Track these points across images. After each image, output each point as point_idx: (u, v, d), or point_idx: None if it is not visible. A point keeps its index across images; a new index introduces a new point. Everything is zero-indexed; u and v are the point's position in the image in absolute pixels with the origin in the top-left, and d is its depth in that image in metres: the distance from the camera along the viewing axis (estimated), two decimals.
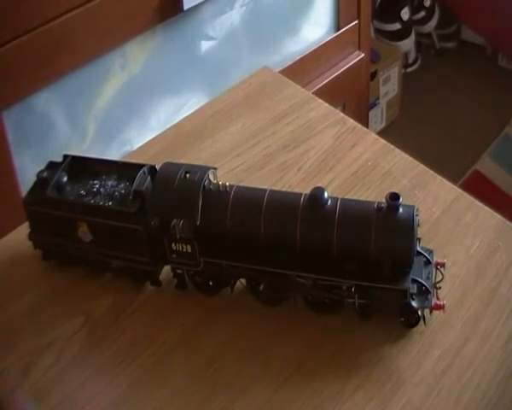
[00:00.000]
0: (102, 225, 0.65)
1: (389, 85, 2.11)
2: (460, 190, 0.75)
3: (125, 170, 0.68)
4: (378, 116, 2.12)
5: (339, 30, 1.63)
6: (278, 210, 0.61)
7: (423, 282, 0.60)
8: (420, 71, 2.34)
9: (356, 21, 1.66)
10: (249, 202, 0.62)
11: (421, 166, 0.77)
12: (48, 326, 0.65)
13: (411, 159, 0.78)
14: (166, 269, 0.67)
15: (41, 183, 0.67)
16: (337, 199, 0.60)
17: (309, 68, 1.58)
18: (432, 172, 0.77)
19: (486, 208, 0.72)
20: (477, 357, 0.60)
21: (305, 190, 0.62)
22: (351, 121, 0.84)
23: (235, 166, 0.79)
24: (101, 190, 0.67)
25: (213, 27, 1.34)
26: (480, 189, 1.87)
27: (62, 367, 0.62)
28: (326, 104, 0.87)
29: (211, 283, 0.66)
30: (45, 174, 0.67)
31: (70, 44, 1.11)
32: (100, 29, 1.14)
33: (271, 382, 0.60)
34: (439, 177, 0.76)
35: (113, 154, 1.25)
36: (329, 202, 0.60)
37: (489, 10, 2.17)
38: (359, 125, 0.83)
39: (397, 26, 2.19)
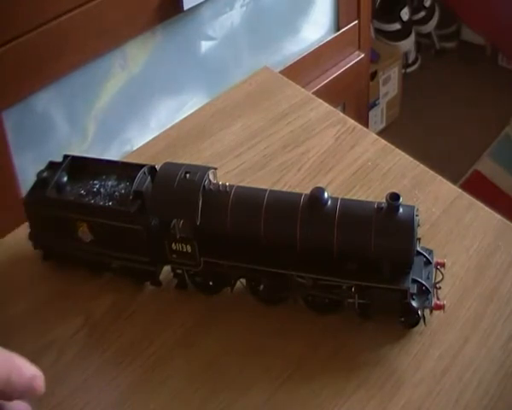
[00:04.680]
0: (102, 225, 0.65)
1: (389, 85, 2.11)
2: (460, 190, 0.75)
3: (124, 170, 0.68)
4: (378, 116, 2.13)
5: (339, 30, 1.63)
6: (278, 210, 0.61)
7: (423, 282, 0.60)
8: (420, 71, 2.34)
9: (356, 21, 1.66)
10: (249, 202, 0.62)
11: (421, 167, 0.77)
12: (48, 326, 0.65)
13: (411, 159, 0.78)
14: (166, 269, 0.67)
15: (41, 183, 0.67)
16: (337, 199, 0.60)
17: (309, 68, 1.58)
18: (432, 172, 0.77)
19: (486, 208, 0.72)
20: (477, 357, 0.60)
21: (305, 190, 0.62)
22: (351, 121, 0.84)
23: (235, 166, 0.79)
24: (102, 190, 0.67)
25: (213, 27, 1.34)
26: (480, 189, 1.87)
27: (62, 367, 0.62)
28: (326, 104, 0.87)
29: (211, 283, 0.66)
30: (45, 174, 0.67)
31: (70, 44, 1.11)
32: (100, 29, 1.14)
33: (271, 382, 0.60)
34: (439, 177, 0.76)
35: (113, 154, 1.25)
36: (329, 202, 0.60)
37: (489, 10, 2.17)
38: (359, 126, 0.83)
39: (397, 26, 2.19)
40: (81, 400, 0.60)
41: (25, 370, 0.47)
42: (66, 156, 0.69)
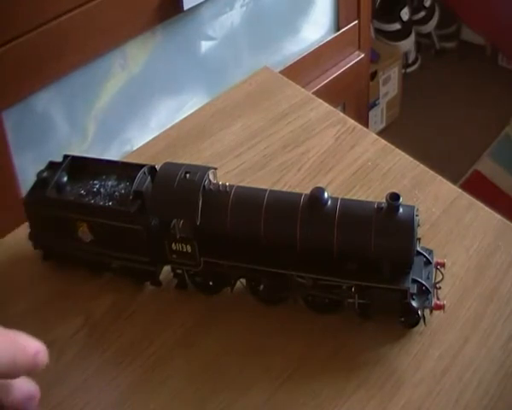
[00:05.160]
0: (102, 226, 0.65)
1: (389, 85, 2.11)
2: (460, 190, 0.75)
3: (124, 170, 0.68)
4: (378, 116, 2.13)
5: (339, 30, 1.63)
6: (278, 210, 0.61)
7: (423, 282, 0.60)
8: (420, 71, 2.35)
9: (356, 21, 1.66)
10: (249, 202, 0.62)
11: (421, 167, 0.77)
12: (48, 326, 0.65)
13: (411, 159, 0.78)
14: (166, 269, 0.67)
15: (41, 183, 0.67)
16: (337, 199, 0.60)
17: (309, 68, 1.58)
18: (432, 172, 0.77)
19: (486, 208, 0.72)
20: (477, 357, 0.60)
21: (305, 190, 0.62)
22: (351, 121, 0.84)
23: (235, 166, 0.79)
24: (102, 190, 0.67)
25: (213, 27, 1.34)
26: (480, 189, 1.87)
27: (62, 367, 0.62)
28: (326, 104, 0.87)
29: (211, 283, 0.66)
30: (45, 174, 0.67)
31: (70, 44, 1.11)
32: (100, 29, 1.14)
33: (271, 382, 0.60)
34: (439, 177, 0.76)
35: (113, 154, 1.25)
36: (329, 202, 0.60)
37: (489, 10, 2.17)
38: (359, 126, 0.83)
39: (397, 26, 2.19)
40: (81, 400, 0.60)
41: (28, 349, 0.48)
42: (66, 156, 0.69)
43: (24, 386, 0.50)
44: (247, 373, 0.61)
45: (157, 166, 0.65)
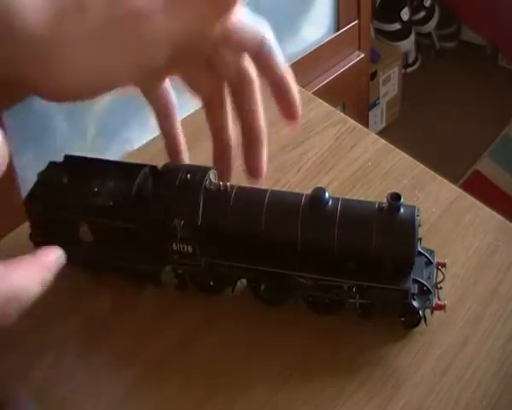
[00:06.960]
0: (103, 226, 0.65)
1: (389, 85, 2.11)
2: (460, 190, 0.75)
3: (125, 170, 0.68)
4: (378, 116, 2.13)
5: (339, 30, 1.63)
6: (279, 210, 0.61)
7: (424, 282, 0.60)
8: (420, 71, 2.35)
9: (356, 21, 1.66)
10: (250, 202, 0.62)
11: (421, 167, 0.77)
12: (48, 326, 0.65)
13: (411, 159, 0.78)
14: (167, 269, 0.67)
15: (42, 183, 0.67)
16: (338, 199, 0.60)
17: (309, 68, 1.59)
18: (432, 172, 0.77)
19: (486, 208, 0.72)
20: (477, 357, 0.60)
21: (305, 190, 0.62)
22: (351, 121, 0.83)
23: (235, 166, 0.79)
24: (102, 190, 0.66)
25: None
26: (480, 189, 1.87)
27: (62, 367, 0.62)
28: (326, 104, 0.87)
29: (212, 283, 0.66)
30: (46, 174, 0.67)
31: None
32: None
33: (272, 382, 0.60)
34: (439, 177, 0.76)
35: (113, 154, 1.25)
36: (330, 202, 0.60)
37: (489, 10, 2.17)
38: (359, 126, 0.83)
39: (397, 26, 2.19)
40: (80, 400, 0.60)
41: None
42: (66, 156, 0.69)
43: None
44: (247, 373, 0.61)
45: (158, 167, 0.65)
